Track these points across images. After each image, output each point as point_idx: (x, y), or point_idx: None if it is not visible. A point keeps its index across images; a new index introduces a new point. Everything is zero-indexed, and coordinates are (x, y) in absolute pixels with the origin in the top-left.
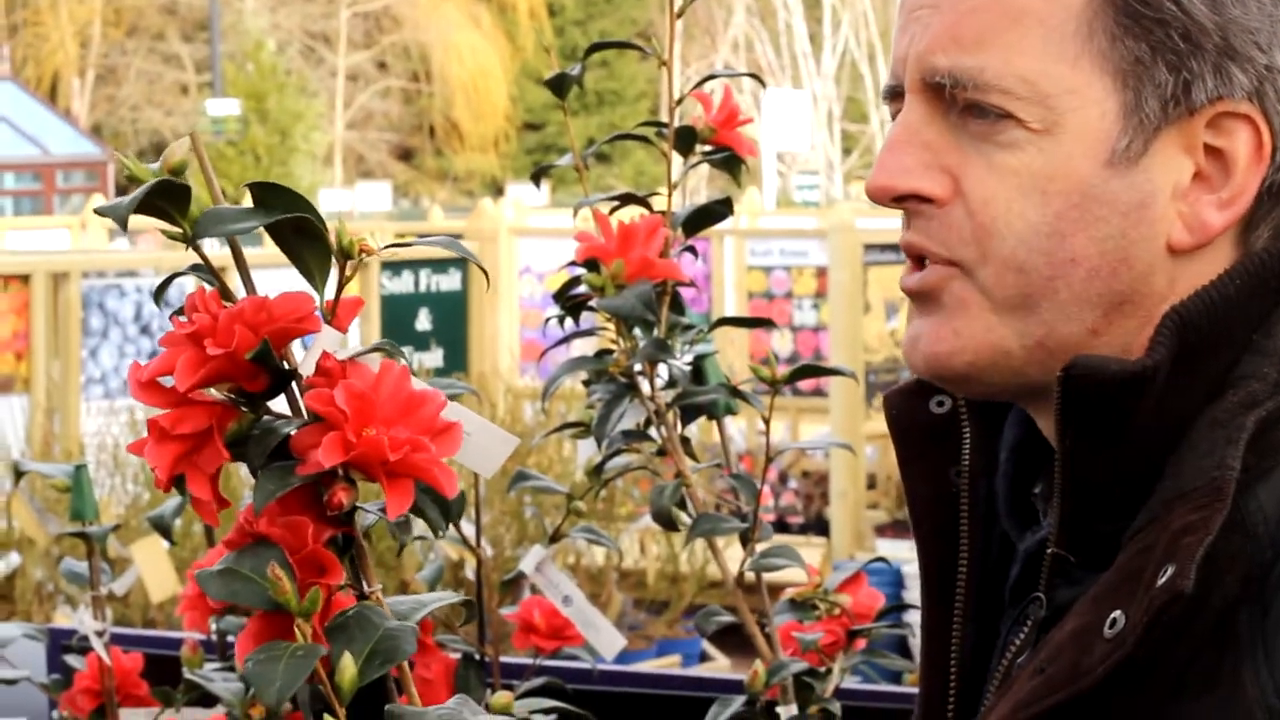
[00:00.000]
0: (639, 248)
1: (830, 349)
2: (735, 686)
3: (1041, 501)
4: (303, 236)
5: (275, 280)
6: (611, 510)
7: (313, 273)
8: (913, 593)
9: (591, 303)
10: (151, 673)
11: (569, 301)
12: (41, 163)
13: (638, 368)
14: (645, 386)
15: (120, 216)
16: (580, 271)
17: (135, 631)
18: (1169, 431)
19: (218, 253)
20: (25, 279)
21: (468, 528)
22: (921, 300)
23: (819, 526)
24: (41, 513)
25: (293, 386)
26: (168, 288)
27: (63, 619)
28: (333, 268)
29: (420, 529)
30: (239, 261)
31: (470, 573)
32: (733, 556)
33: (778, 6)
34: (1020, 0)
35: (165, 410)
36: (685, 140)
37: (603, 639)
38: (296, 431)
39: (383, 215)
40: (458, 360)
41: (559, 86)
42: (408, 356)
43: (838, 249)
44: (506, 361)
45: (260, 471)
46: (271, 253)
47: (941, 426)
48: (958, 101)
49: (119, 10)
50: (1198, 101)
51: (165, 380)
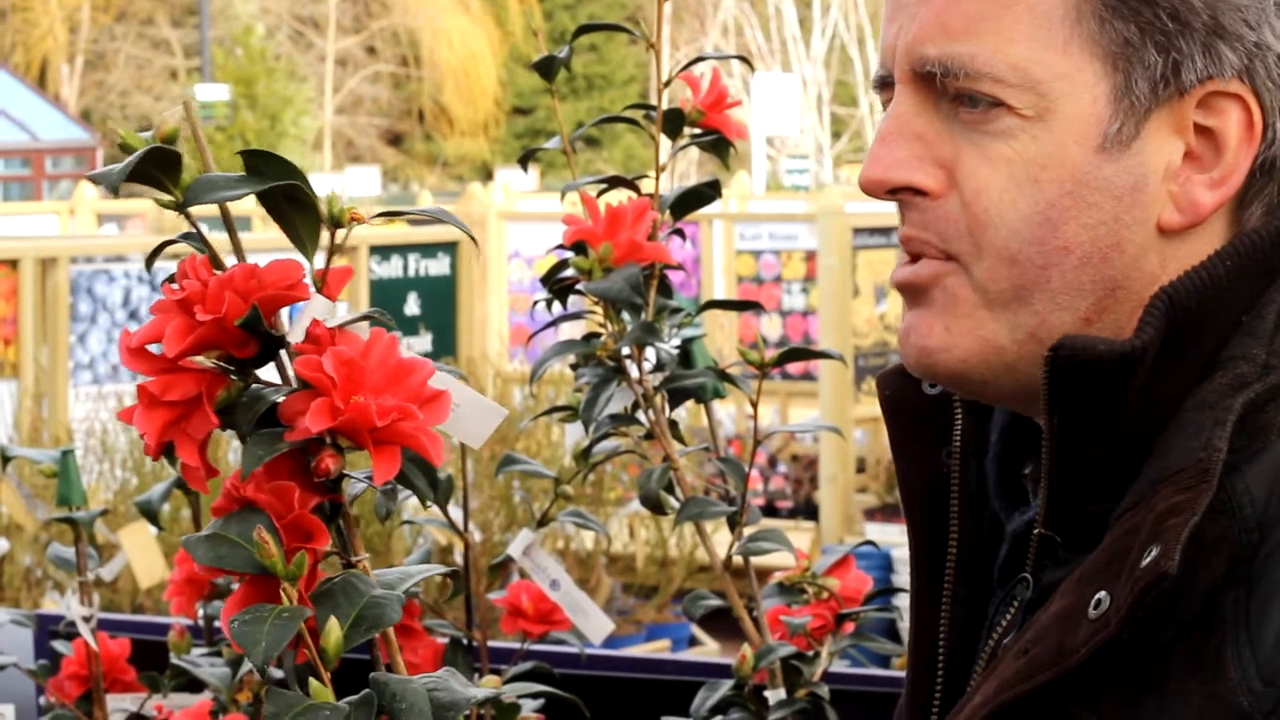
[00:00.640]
0: (626, 231)
1: (819, 333)
2: (723, 671)
3: (1031, 483)
4: (294, 204)
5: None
6: (600, 495)
7: (303, 241)
8: (902, 576)
9: (579, 286)
10: (139, 658)
11: (556, 285)
12: (30, 148)
13: (625, 351)
14: (633, 370)
15: (112, 183)
16: (568, 255)
17: (122, 617)
18: (1157, 412)
19: (211, 235)
20: (13, 264)
21: (456, 512)
22: (912, 294)
23: (808, 511)
24: (30, 499)
25: (282, 355)
26: (159, 254)
27: (50, 605)
28: (323, 237)
29: (408, 512)
30: (229, 229)
31: (459, 557)
32: (721, 541)
33: None
34: None
35: (154, 378)
36: (673, 123)
37: (590, 624)
38: (285, 398)
39: (372, 200)
40: (446, 345)
41: (546, 69)
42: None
43: (827, 233)
44: (495, 346)
45: (248, 437)
46: (262, 236)
47: (933, 408)
48: (948, 91)
49: None
50: (1188, 82)
51: (155, 348)
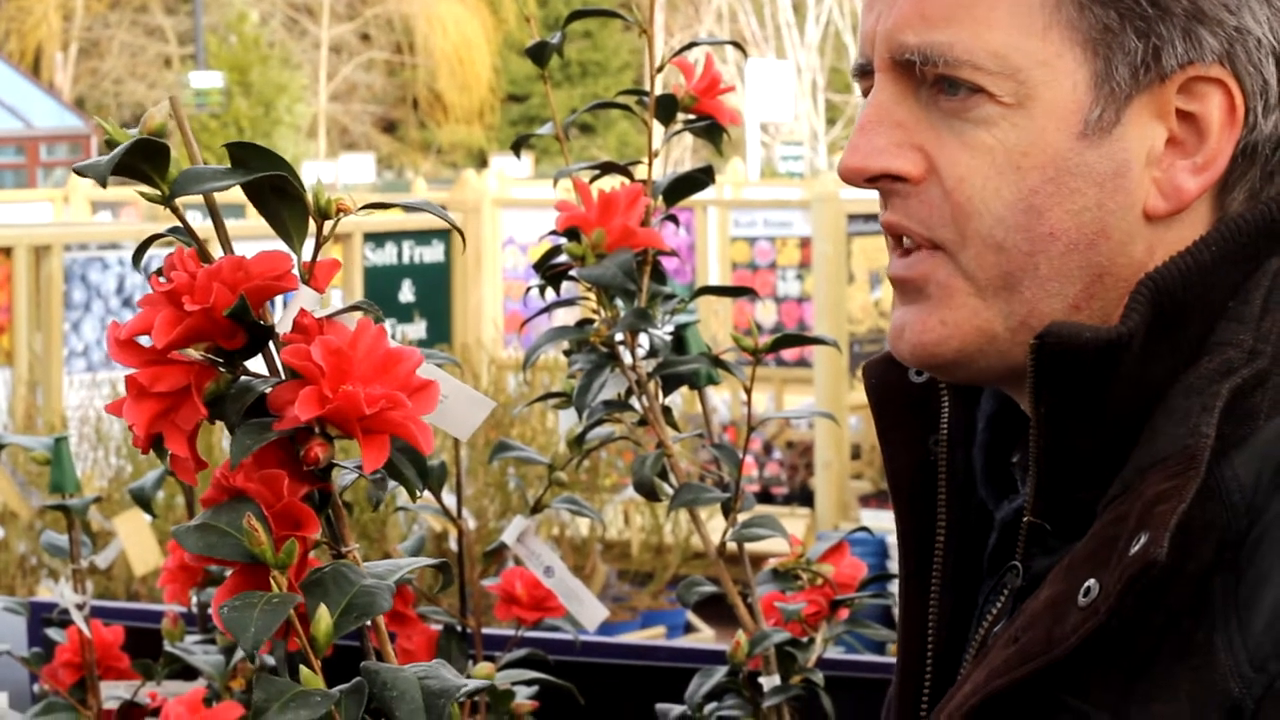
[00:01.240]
0: (620, 216)
1: (814, 320)
2: (718, 657)
3: (1020, 471)
4: (280, 196)
5: (254, 252)
6: (595, 482)
7: (290, 233)
8: (896, 563)
9: (572, 272)
10: (132, 646)
11: (549, 271)
12: (24, 136)
13: (619, 337)
14: (626, 356)
15: (100, 175)
16: (561, 241)
17: (116, 604)
18: (1144, 399)
19: (200, 224)
20: (7, 252)
21: (450, 499)
22: (906, 289)
23: (804, 497)
24: (24, 486)
25: (270, 347)
26: (146, 250)
27: (44, 592)
28: (310, 230)
29: (403, 499)
30: (216, 222)
31: (453, 544)
32: (715, 527)
33: None
34: None
35: (143, 370)
36: (666, 108)
37: (585, 610)
38: (273, 388)
39: (366, 187)
40: (441, 332)
41: (539, 55)
42: (390, 328)
43: (822, 220)
44: (490, 333)
45: (237, 427)
46: (254, 223)
47: (920, 396)
48: (928, 79)
49: None
50: (1168, 67)
51: (144, 340)
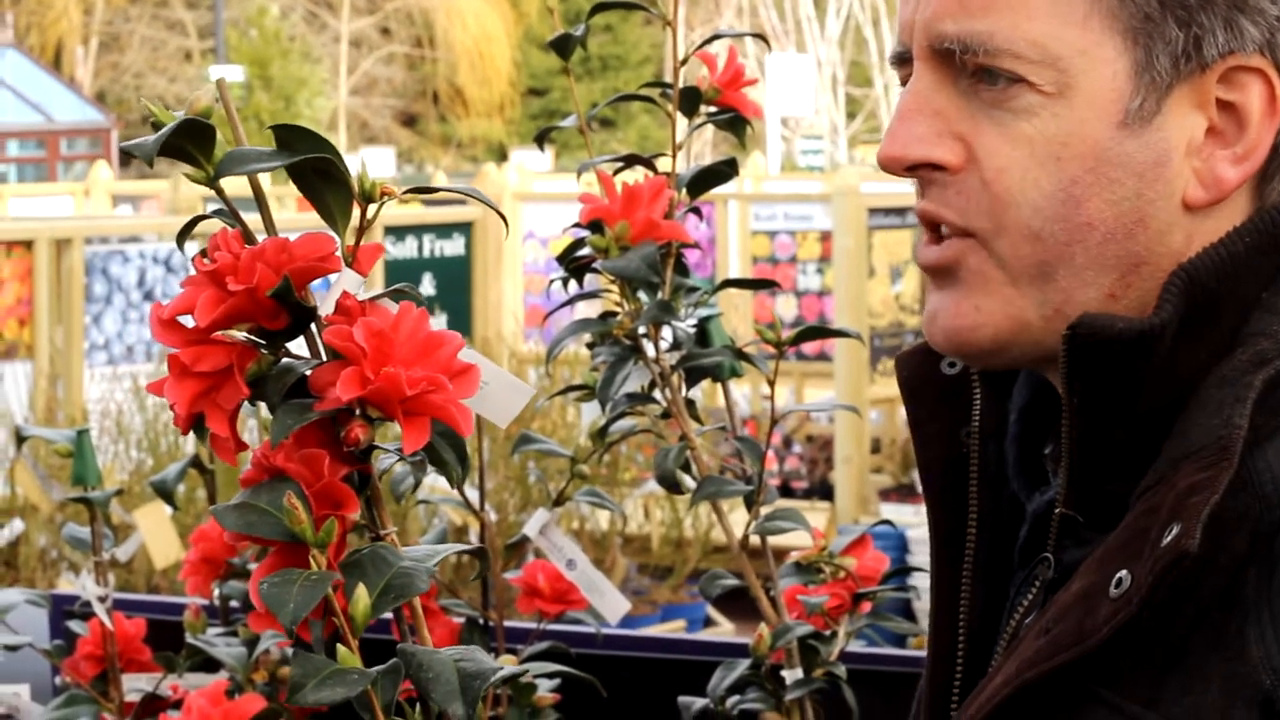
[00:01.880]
0: (643, 209)
1: (835, 313)
2: (740, 650)
3: (1052, 463)
4: (325, 179)
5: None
6: (615, 476)
7: (334, 215)
8: (917, 557)
9: (595, 265)
10: (154, 638)
11: (573, 264)
12: (45, 130)
13: (642, 330)
14: (650, 349)
15: (147, 154)
16: (584, 233)
17: (138, 597)
18: (1177, 390)
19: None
20: (29, 245)
21: (472, 492)
22: (939, 275)
23: (823, 491)
24: (45, 479)
25: (312, 329)
26: (192, 229)
27: (66, 585)
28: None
29: (424, 492)
30: (260, 203)
31: (474, 537)
32: (737, 521)
33: None
34: None
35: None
36: (690, 101)
37: (607, 603)
38: (315, 369)
39: (386, 182)
40: (461, 326)
41: (562, 47)
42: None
43: (842, 213)
44: (510, 327)
45: (278, 407)
46: (283, 216)
47: (952, 388)
48: (967, 67)
49: None
50: (1209, 57)
51: (186, 321)
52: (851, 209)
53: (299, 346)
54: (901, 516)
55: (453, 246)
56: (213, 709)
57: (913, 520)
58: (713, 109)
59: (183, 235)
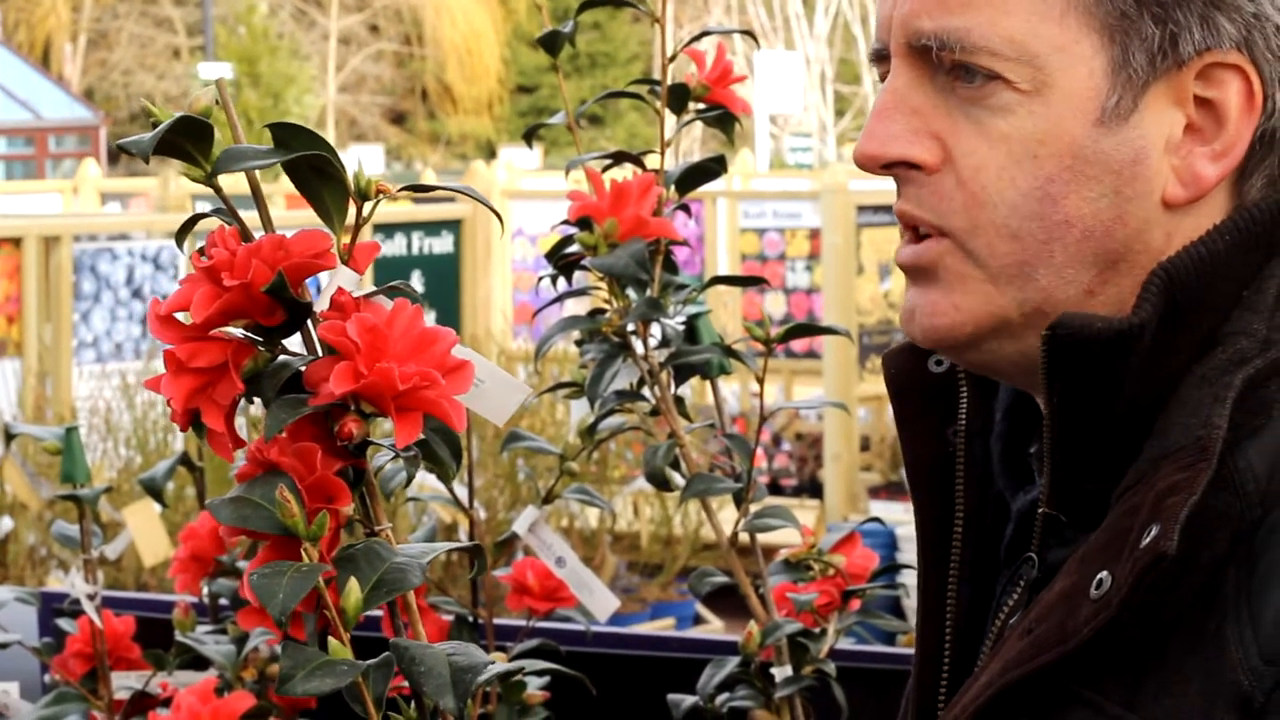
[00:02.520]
0: (632, 206)
1: (824, 311)
2: (730, 648)
3: (1036, 461)
4: (321, 176)
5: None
6: (605, 474)
7: (330, 212)
8: (906, 554)
9: (584, 262)
10: (143, 636)
11: (561, 261)
12: (34, 127)
13: (631, 327)
14: (639, 346)
15: (144, 151)
16: (573, 231)
17: (127, 595)
18: (1158, 389)
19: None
20: (17, 242)
21: (461, 490)
22: (917, 275)
23: (812, 489)
24: (34, 477)
25: (308, 326)
26: (191, 228)
27: (55, 583)
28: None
29: (413, 489)
30: (258, 200)
31: (463, 535)
32: (726, 518)
33: None
34: None
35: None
36: (678, 98)
37: (596, 601)
38: (310, 364)
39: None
40: (450, 323)
41: (551, 44)
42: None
43: (831, 211)
44: (499, 324)
45: (273, 402)
46: (279, 214)
47: (939, 386)
48: (944, 64)
49: None
50: (1185, 54)
51: (183, 318)
52: (840, 206)
53: (296, 345)
54: (890, 514)
55: (441, 244)
56: (202, 706)
57: (902, 518)
58: (701, 106)
59: (182, 234)
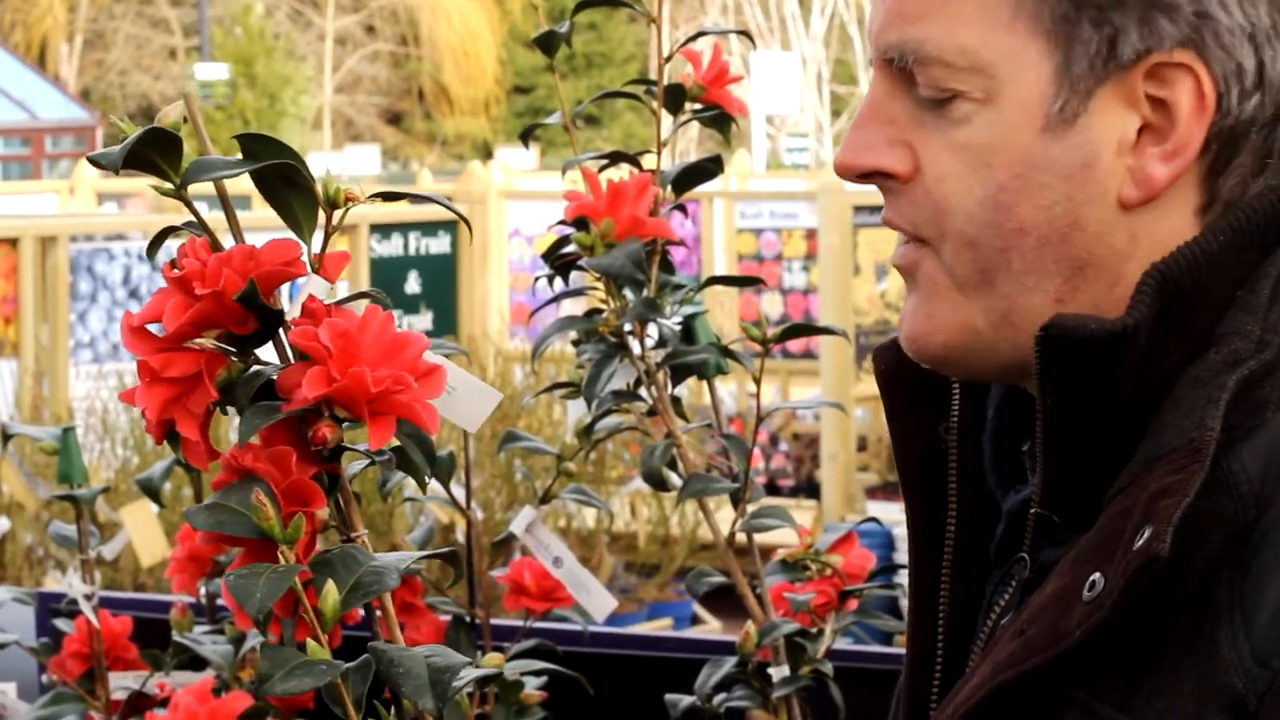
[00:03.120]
0: (629, 206)
1: (820, 311)
2: (727, 648)
3: (1029, 460)
4: (290, 185)
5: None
6: (602, 474)
7: (300, 222)
8: (903, 554)
9: (581, 262)
10: (141, 636)
11: (558, 261)
12: (30, 127)
13: (628, 327)
14: (635, 346)
15: (112, 164)
16: (569, 231)
17: (124, 595)
18: (1151, 390)
19: (209, 215)
20: (13, 243)
21: (458, 490)
22: (906, 277)
23: (810, 489)
24: (31, 477)
25: (281, 335)
26: (161, 244)
27: (52, 583)
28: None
29: (410, 489)
30: (227, 210)
31: (460, 535)
32: (724, 518)
33: None
34: None
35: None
36: (675, 98)
37: (594, 601)
38: (282, 371)
39: (372, 179)
40: (447, 323)
41: (547, 44)
42: (396, 320)
43: (827, 211)
44: (496, 324)
45: (246, 409)
46: (262, 215)
47: (930, 382)
48: (913, 75)
49: None
50: (1124, 56)
51: (156, 329)
52: (836, 207)
53: (269, 355)
54: (888, 514)
55: (438, 244)
56: (199, 707)
57: (899, 518)
58: (698, 106)
59: (153, 248)
